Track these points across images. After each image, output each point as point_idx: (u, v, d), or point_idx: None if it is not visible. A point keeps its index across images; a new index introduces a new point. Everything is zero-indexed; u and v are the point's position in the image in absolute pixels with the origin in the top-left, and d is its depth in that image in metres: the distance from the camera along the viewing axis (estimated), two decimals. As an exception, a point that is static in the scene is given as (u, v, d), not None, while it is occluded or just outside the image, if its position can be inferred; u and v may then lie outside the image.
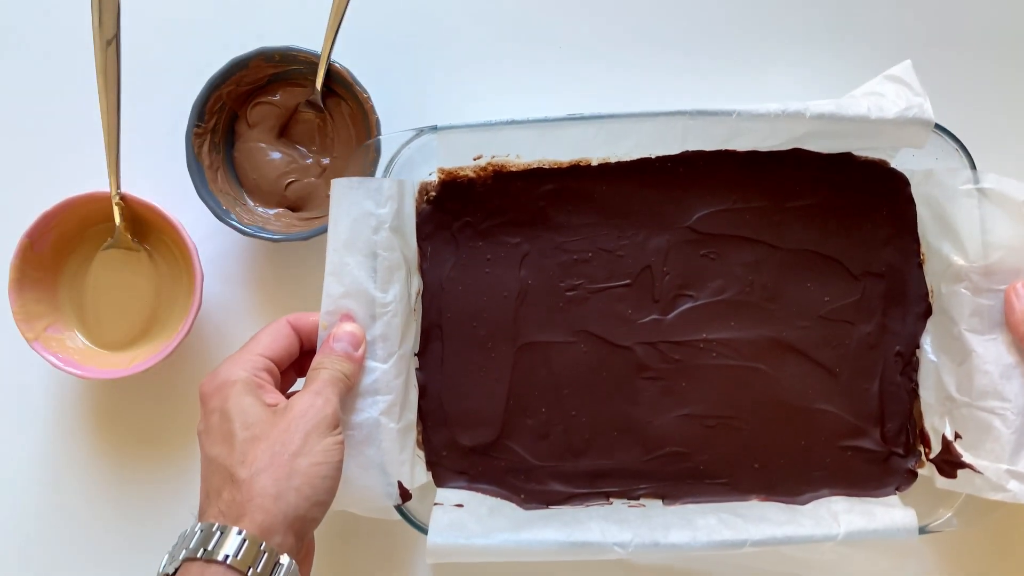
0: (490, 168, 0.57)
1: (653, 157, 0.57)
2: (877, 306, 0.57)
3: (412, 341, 0.56)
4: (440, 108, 0.61)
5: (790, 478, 0.56)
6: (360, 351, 0.49)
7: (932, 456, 0.55)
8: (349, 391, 0.49)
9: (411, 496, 0.52)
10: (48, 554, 0.60)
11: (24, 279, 0.55)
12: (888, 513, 0.52)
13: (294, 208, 0.60)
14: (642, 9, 0.61)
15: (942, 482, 0.54)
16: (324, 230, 0.54)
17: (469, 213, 0.58)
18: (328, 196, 0.57)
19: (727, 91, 0.60)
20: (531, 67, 0.62)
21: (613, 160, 0.57)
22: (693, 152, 0.57)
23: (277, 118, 0.60)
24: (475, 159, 0.57)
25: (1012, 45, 0.61)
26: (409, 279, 0.55)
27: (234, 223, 0.57)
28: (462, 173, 0.57)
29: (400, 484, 0.51)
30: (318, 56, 0.56)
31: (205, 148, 0.58)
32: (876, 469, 0.56)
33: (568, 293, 0.57)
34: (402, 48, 0.62)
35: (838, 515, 0.53)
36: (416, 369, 0.57)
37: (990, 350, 0.51)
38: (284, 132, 0.61)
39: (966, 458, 0.52)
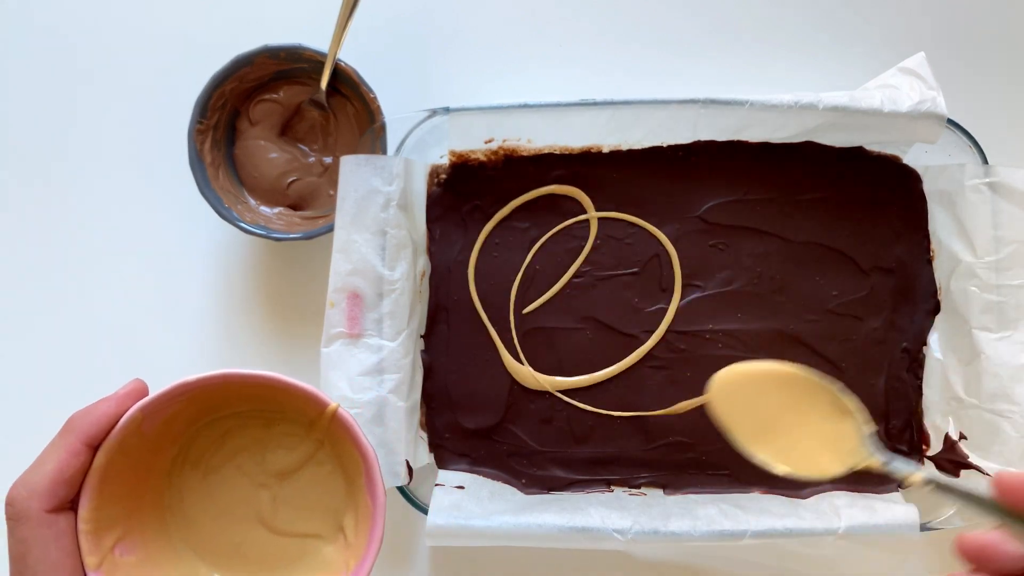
0: (501, 152, 0.57)
1: (664, 146, 0.57)
2: (885, 302, 0.57)
3: (417, 321, 0.56)
4: (448, 103, 0.61)
5: (793, 471, 0.56)
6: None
7: (931, 454, 0.55)
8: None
9: (412, 477, 0.52)
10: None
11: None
12: (890, 509, 0.52)
13: (295, 207, 0.60)
14: (657, -2, 0.62)
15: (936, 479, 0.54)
16: (327, 230, 0.55)
17: (479, 196, 0.58)
18: (331, 195, 0.58)
19: (740, 81, 0.60)
20: (545, 60, 0.62)
21: (624, 148, 0.57)
22: (704, 142, 0.57)
23: (279, 116, 0.59)
24: (486, 143, 0.57)
25: (1025, 41, 0.60)
26: (415, 258, 0.55)
27: (236, 221, 0.56)
28: (473, 156, 0.57)
29: (407, 463, 0.52)
30: (324, 55, 0.56)
31: (207, 145, 0.58)
32: (880, 465, 0.56)
33: (575, 279, 0.57)
34: (408, 47, 0.62)
35: (839, 509, 0.52)
36: (422, 351, 0.57)
37: (1001, 351, 0.51)
38: (286, 130, 0.60)
39: (973, 459, 0.51)
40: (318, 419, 0.42)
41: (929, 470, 0.35)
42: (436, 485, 0.54)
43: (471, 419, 0.57)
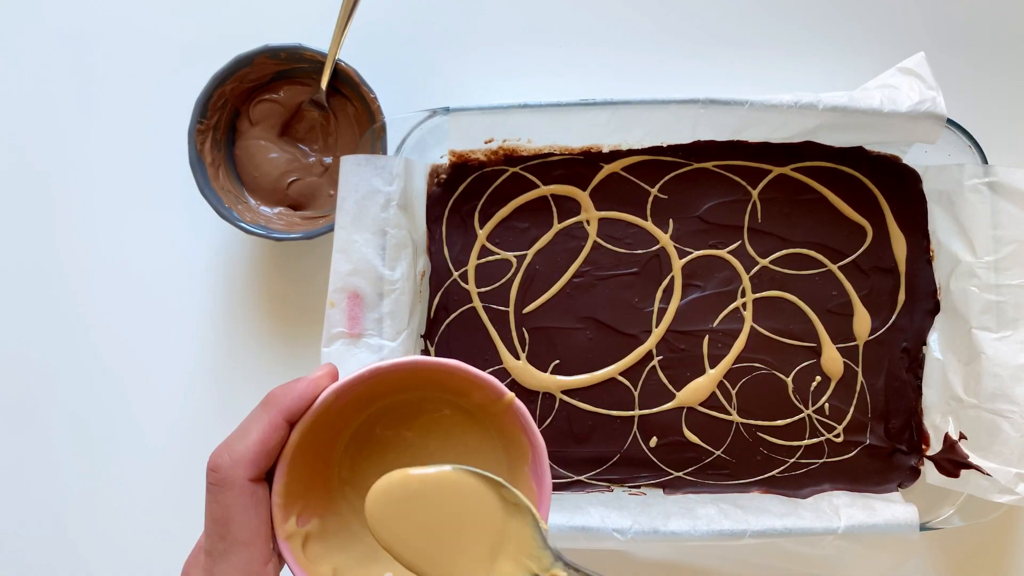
0: (501, 152, 0.57)
1: (664, 146, 0.57)
2: (885, 302, 0.57)
3: (417, 321, 0.56)
4: (448, 103, 0.61)
5: (792, 471, 0.56)
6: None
7: (931, 454, 0.55)
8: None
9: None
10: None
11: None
12: (889, 508, 0.52)
13: (296, 207, 0.60)
14: (656, -1, 0.62)
15: (935, 479, 0.54)
16: (327, 230, 0.55)
17: (479, 196, 0.58)
18: (331, 195, 0.58)
19: (740, 81, 0.60)
20: (544, 61, 0.62)
21: (624, 148, 0.57)
22: (704, 142, 0.57)
23: (280, 116, 0.59)
24: (486, 143, 0.57)
25: (1025, 41, 0.60)
26: (415, 258, 0.55)
27: (237, 221, 0.56)
28: (473, 156, 0.58)
29: (405, 463, 0.52)
30: (324, 55, 0.56)
31: (207, 145, 0.58)
32: (879, 465, 0.56)
33: (575, 279, 0.57)
34: (408, 47, 0.62)
35: (839, 509, 0.52)
36: (422, 351, 0.57)
37: (1000, 351, 0.51)
38: (286, 130, 0.60)
39: (973, 459, 0.51)
40: (489, 406, 0.43)
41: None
42: (436, 485, 0.54)
43: (471, 419, 0.57)
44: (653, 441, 0.56)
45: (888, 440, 0.56)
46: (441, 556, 0.37)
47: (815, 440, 0.56)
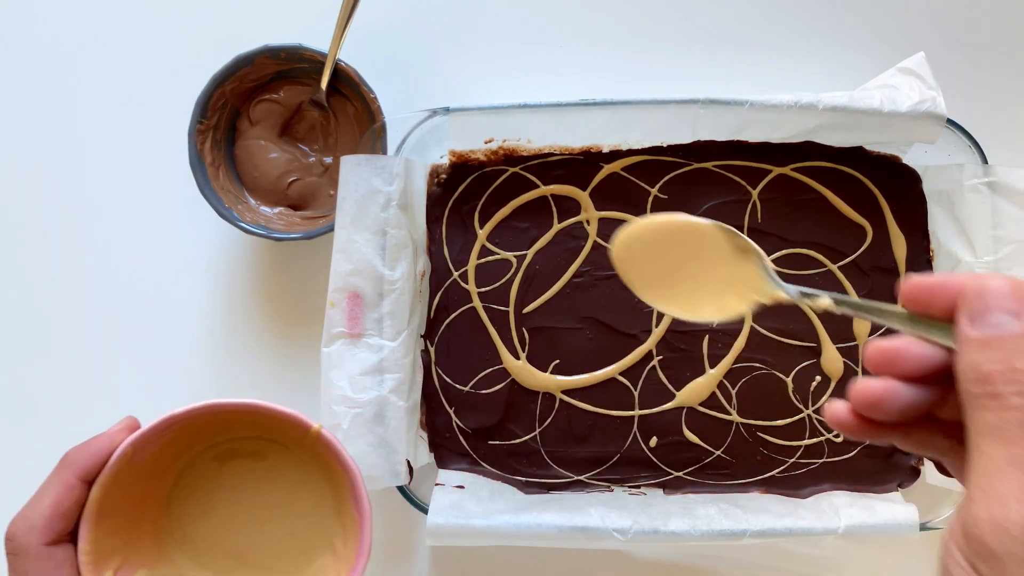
0: (501, 152, 0.57)
1: (664, 146, 0.57)
2: (885, 302, 0.57)
3: (418, 321, 0.56)
4: (448, 103, 0.61)
5: (792, 471, 0.56)
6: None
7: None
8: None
9: (412, 476, 0.53)
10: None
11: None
12: (889, 509, 0.52)
13: (296, 207, 0.60)
14: (657, -1, 0.62)
15: (935, 479, 0.54)
16: (327, 230, 0.55)
17: (479, 196, 0.58)
18: (331, 195, 0.58)
19: (740, 81, 0.60)
20: (544, 61, 0.62)
21: (624, 148, 0.57)
22: (704, 142, 0.57)
23: (280, 116, 0.59)
24: (486, 143, 0.57)
25: (1026, 41, 0.60)
26: (415, 258, 0.55)
27: (237, 221, 0.56)
28: (473, 156, 0.58)
29: (408, 463, 0.52)
30: (324, 55, 0.56)
31: (207, 145, 0.58)
32: (879, 465, 0.56)
33: (575, 279, 0.57)
34: (408, 47, 0.62)
35: (839, 509, 0.52)
36: (422, 351, 0.57)
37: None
38: (286, 130, 0.60)
39: (972, 459, 0.51)
40: (304, 439, 0.44)
41: (834, 294, 0.35)
42: (436, 485, 0.54)
43: (471, 419, 0.57)
44: (653, 441, 0.57)
45: (888, 440, 0.56)
46: (676, 291, 0.40)
47: (815, 440, 0.56)
